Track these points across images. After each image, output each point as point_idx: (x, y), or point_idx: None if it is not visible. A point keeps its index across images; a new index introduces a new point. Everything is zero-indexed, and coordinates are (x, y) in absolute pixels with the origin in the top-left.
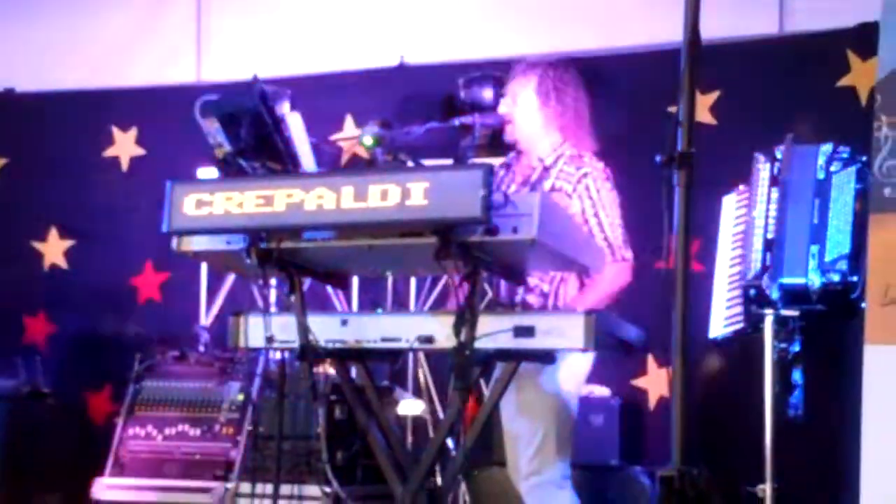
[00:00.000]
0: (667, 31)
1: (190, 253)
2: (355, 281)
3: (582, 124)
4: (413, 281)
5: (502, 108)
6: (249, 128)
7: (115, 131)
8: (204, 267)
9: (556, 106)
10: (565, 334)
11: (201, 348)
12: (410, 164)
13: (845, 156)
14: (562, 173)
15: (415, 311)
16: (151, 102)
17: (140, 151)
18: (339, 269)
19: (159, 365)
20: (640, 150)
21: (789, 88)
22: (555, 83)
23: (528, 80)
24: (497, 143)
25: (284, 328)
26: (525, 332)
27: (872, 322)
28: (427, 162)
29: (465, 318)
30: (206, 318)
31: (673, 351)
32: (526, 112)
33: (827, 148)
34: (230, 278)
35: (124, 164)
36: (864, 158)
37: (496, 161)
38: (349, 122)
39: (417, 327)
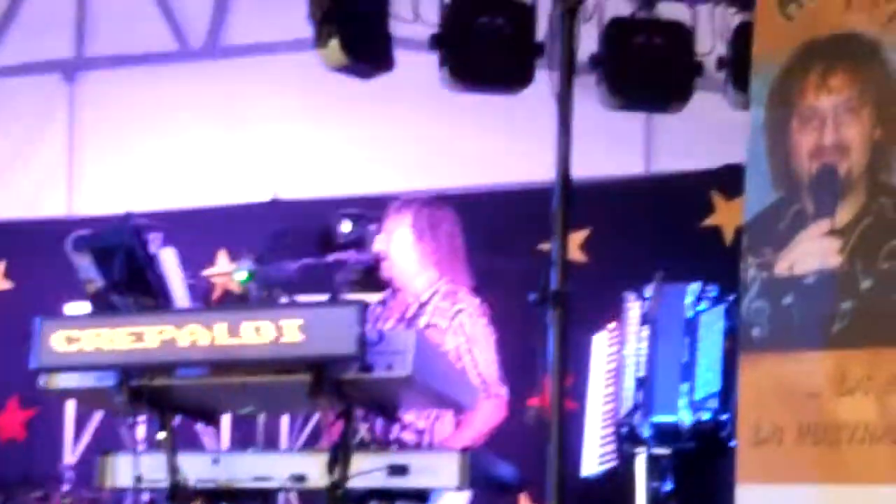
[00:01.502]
0: (537, 169)
1: (58, 390)
2: (226, 417)
3: (457, 261)
4: (285, 417)
5: (378, 245)
6: (122, 263)
7: None
8: (70, 403)
9: (431, 243)
10: (439, 473)
11: (65, 488)
12: (284, 300)
13: (713, 294)
14: (437, 309)
15: (287, 450)
16: (20, 235)
17: (7, 285)
18: (210, 406)
19: None
20: (514, 287)
21: (657, 227)
22: (430, 220)
23: (404, 217)
24: (372, 279)
25: (154, 467)
26: (399, 470)
27: (743, 462)
28: (301, 298)
29: (339, 457)
30: (71, 456)
31: (548, 490)
32: (401, 249)
33: (695, 287)
34: (98, 415)
35: None
36: (731, 297)
37: (372, 298)
38: (222, 257)
39: (290, 466)
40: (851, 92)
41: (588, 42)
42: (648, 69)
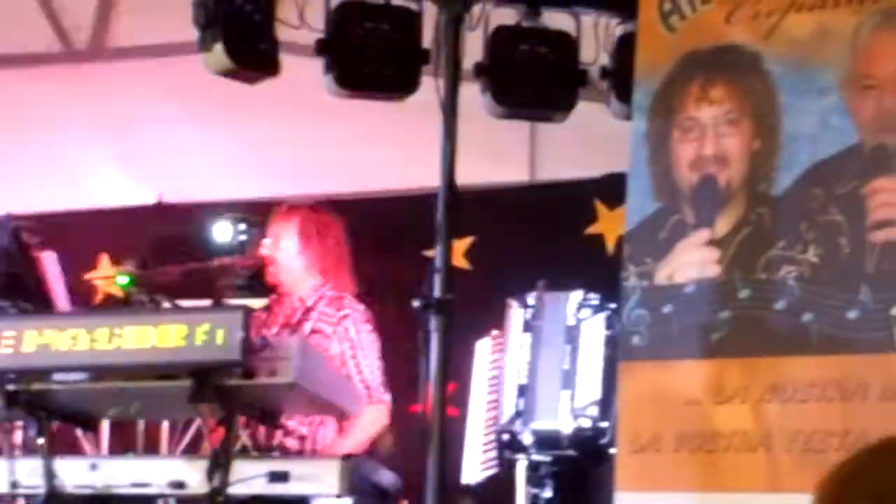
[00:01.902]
0: (422, 176)
1: None
2: (105, 422)
3: (343, 267)
4: (166, 423)
5: (264, 250)
6: (0, 266)
7: None
8: None
9: (318, 248)
10: (320, 480)
11: None
12: (167, 304)
13: (595, 303)
14: (322, 315)
15: (167, 455)
16: None
17: None
18: (89, 411)
19: None
20: (399, 293)
21: (541, 235)
22: (317, 226)
23: (291, 221)
24: (257, 284)
25: (30, 473)
26: (279, 477)
27: (622, 469)
28: (184, 303)
29: (219, 463)
30: None
31: (428, 497)
32: (288, 254)
33: (577, 295)
34: None
35: None
36: (612, 305)
37: (257, 303)
38: (104, 260)
39: (169, 472)
40: (731, 104)
41: (474, 50)
42: (533, 78)
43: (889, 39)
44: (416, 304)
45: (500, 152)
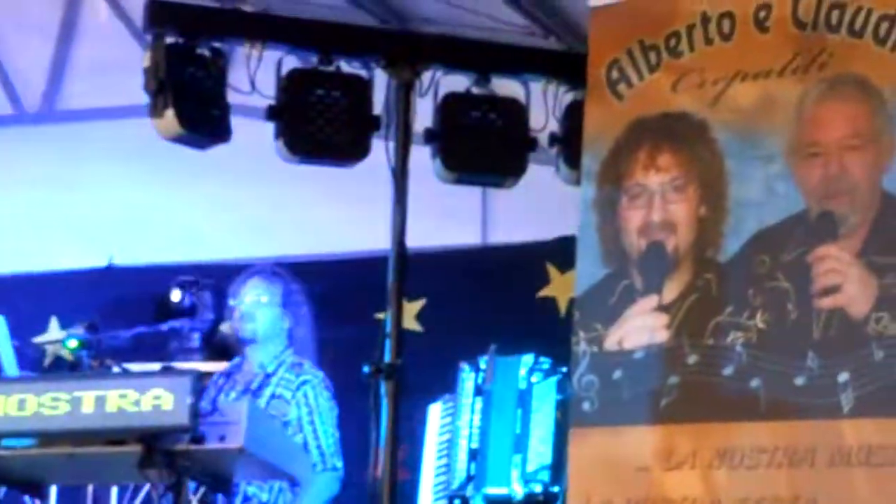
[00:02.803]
0: (375, 238)
1: None
2: (54, 489)
3: (307, 333)
4: (114, 489)
5: (245, 307)
6: None
7: None
8: None
9: (289, 313)
10: None
11: None
12: (116, 369)
13: (546, 366)
14: (282, 380)
15: None
16: None
17: None
18: (38, 477)
19: None
20: (352, 356)
21: (493, 298)
22: (284, 290)
23: (274, 284)
24: (214, 348)
25: None
26: None
27: None
28: (134, 367)
29: None
30: None
31: None
32: (271, 314)
33: (528, 359)
34: None
35: None
36: (564, 369)
37: (209, 366)
38: (54, 323)
39: None
40: (678, 171)
41: (426, 114)
42: (483, 144)
43: (833, 108)
44: (365, 369)
45: (452, 215)
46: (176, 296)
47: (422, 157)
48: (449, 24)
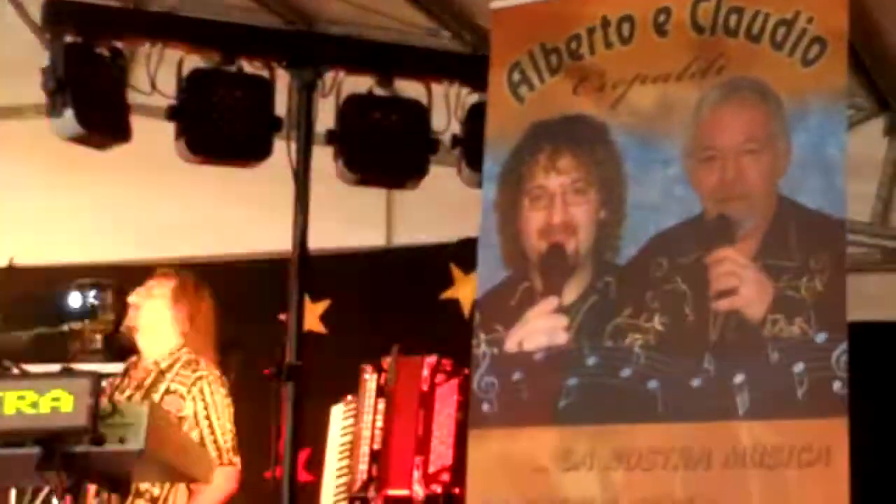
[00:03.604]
0: (277, 239)
1: None
2: None
3: (207, 333)
4: (13, 491)
5: (133, 298)
6: None
7: None
8: None
9: (188, 311)
10: None
11: None
12: (15, 370)
13: (448, 368)
14: (178, 376)
15: None
16: None
17: None
18: None
19: None
20: (254, 356)
21: (397, 299)
22: (194, 290)
23: (169, 280)
24: (110, 349)
25: None
26: None
27: None
28: (35, 368)
29: None
30: None
31: None
32: (156, 309)
33: (431, 360)
34: None
35: None
36: (466, 371)
37: (111, 368)
38: None
39: None
40: (579, 173)
41: (329, 115)
42: (384, 146)
43: (730, 112)
44: (267, 370)
45: (356, 216)
46: (75, 299)
47: (327, 159)
48: (355, 25)
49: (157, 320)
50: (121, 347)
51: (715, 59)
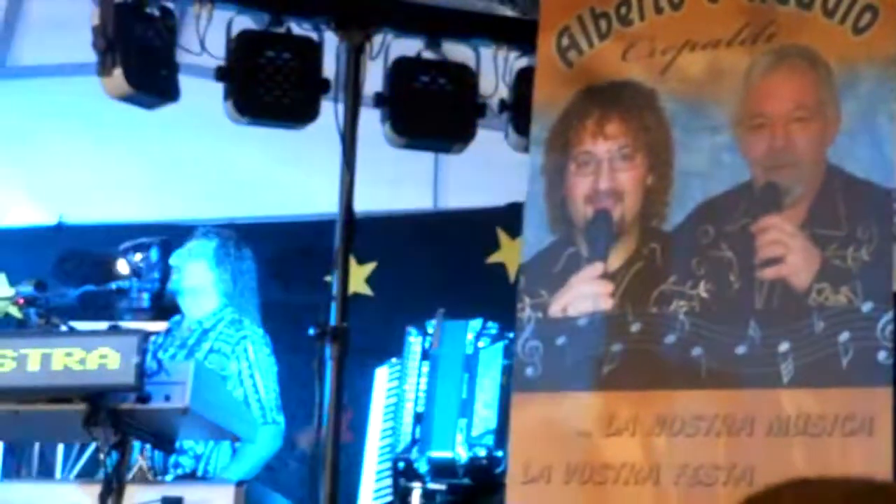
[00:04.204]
0: (326, 201)
1: None
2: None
3: (249, 298)
4: (61, 447)
5: (174, 261)
6: None
7: None
8: None
9: (230, 272)
10: None
11: None
12: (63, 327)
13: (493, 331)
14: (221, 335)
15: (61, 480)
16: None
17: None
18: None
19: None
20: (300, 318)
21: (443, 263)
22: (234, 251)
23: (210, 239)
24: (157, 307)
25: None
26: (173, 502)
27: (513, 500)
28: (82, 325)
29: (112, 488)
30: None
31: None
32: (198, 267)
33: (476, 323)
34: None
35: None
36: (511, 335)
37: (156, 326)
38: (2, 280)
39: (64, 496)
40: (626, 139)
41: (377, 77)
42: (432, 109)
43: (780, 79)
44: (311, 331)
45: (403, 179)
46: (122, 258)
47: (376, 122)
48: None
49: (199, 282)
50: (167, 306)
51: (766, 25)
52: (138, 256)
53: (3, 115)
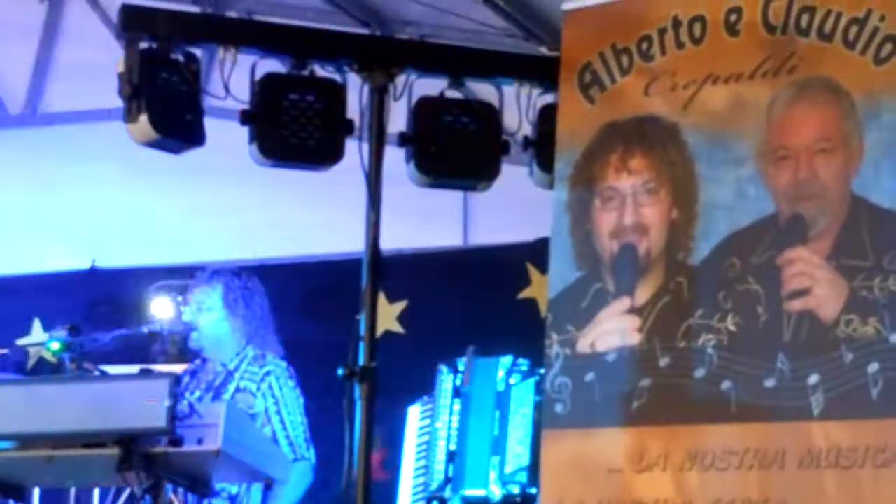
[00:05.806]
0: (355, 240)
1: None
2: (36, 491)
3: (267, 331)
4: (96, 491)
5: (186, 316)
6: None
7: None
8: None
9: (244, 313)
10: None
11: None
12: (96, 372)
13: (524, 368)
14: (246, 374)
15: None
16: None
17: None
18: (19, 480)
19: None
20: (328, 355)
21: (474, 299)
22: (242, 291)
23: (214, 288)
24: (190, 349)
25: None
26: None
27: None
28: (114, 369)
29: None
30: None
31: None
32: (212, 320)
33: (507, 360)
34: None
35: None
36: (542, 371)
37: (179, 367)
38: (37, 325)
39: None
40: (650, 174)
41: (402, 114)
42: (456, 148)
43: (802, 111)
44: (339, 372)
45: (433, 216)
46: (154, 302)
47: (401, 158)
48: (429, 26)
49: (216, 333)
50: (191, 349)
51: (787, 58)
52: (170, 297)
53: (35, 161)
